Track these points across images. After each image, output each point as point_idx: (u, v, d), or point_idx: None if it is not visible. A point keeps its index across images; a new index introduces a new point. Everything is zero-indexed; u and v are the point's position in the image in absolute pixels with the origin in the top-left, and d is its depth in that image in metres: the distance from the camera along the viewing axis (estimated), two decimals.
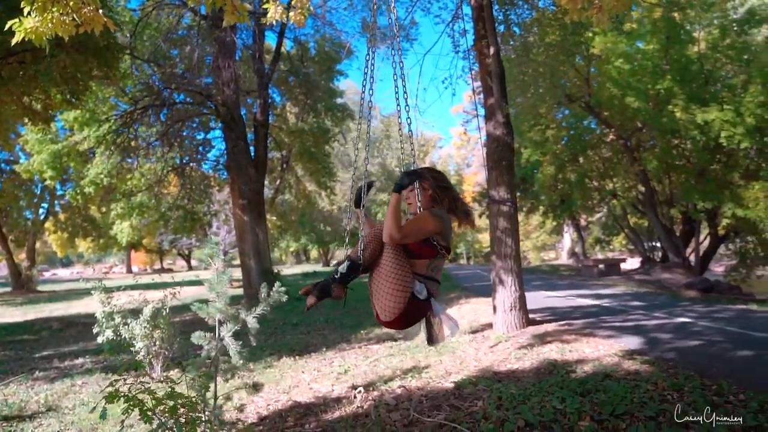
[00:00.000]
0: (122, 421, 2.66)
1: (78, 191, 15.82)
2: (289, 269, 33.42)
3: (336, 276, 2.53)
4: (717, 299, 11.06)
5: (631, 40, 15.37)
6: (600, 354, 5.04)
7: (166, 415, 2.68)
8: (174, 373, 6.57)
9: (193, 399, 2.86)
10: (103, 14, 4.62)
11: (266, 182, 17.73)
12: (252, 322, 4.45)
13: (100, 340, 5.89)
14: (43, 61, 8.02)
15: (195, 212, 16.93)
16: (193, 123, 16.72)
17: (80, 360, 7.61)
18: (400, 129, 2.95)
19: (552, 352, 5.34)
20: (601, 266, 19.10)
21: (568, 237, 31.81)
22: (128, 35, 12.78)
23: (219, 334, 4.51)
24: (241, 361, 4.43)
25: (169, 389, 2.80)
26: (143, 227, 21.48)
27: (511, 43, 9.67)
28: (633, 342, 5.67)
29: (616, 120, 16.68)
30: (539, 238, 36.30)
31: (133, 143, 14.64)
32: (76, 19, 4.45)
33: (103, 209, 20.40)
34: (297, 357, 7.06)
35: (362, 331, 8.66)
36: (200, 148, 17.86)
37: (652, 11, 14.64)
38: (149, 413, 2.59)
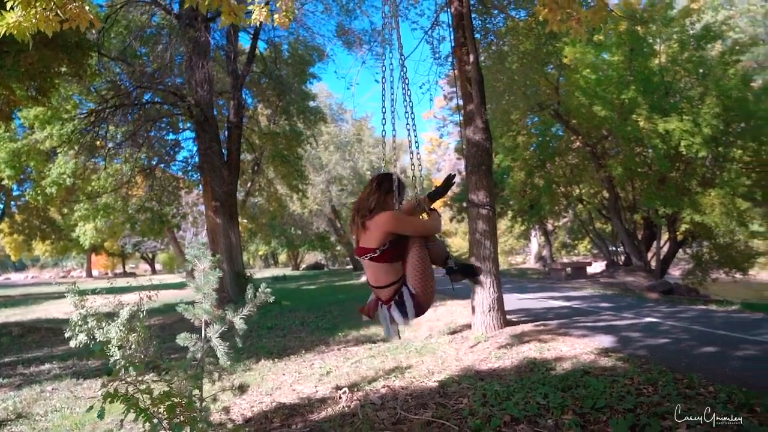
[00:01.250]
0: (121, 420, 2.62)
1: (38, 192, 15.21)
2: (258, 273, 32.97)
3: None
4: (679, 300, 11.59)
5: (598, 51, 15.94)
6: (577, 352, 5.24)
7: (162, 414, 2.65)
8: (149, 378, 6.45)
9: (192, 398, 2.84)
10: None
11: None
12: (239, 323, 4.44)
13: (72, 344, 5.71)
14: (8, 56, 7.73)
15: (164, 214, 16.53)
16: (161, 123, 16.36)
17: (47, 366, 7.35)
18: (414, 140, 3.03)
19: (531, 351, 5.50)
20: (568, 269, 19.67)
21: (536, 241, 32.57)
22: (94, 32, 12.43)
23: (205, 336, 4.48)
24: (229, 363, 4.42)
25: (167, 388, 2.78)
26: (108, 229, 20.81)
27: (482, 49, 9.92)
28: (606, 340, 5.90)
29: (584, 128, 17.25)
30: (507, 242, 36.94)
31: (99, 143, 14.20)
32: (60, 14, 4.36)
33: (65, 210, 19.68)
34: (276, 359, 7.03)
35: (340, 334, 8.67)
36: (169, 150, 17.48)
37: (617, 24, 15.23)
38: (148, 413, 2.56)
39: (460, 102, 7.58)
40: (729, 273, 18.75)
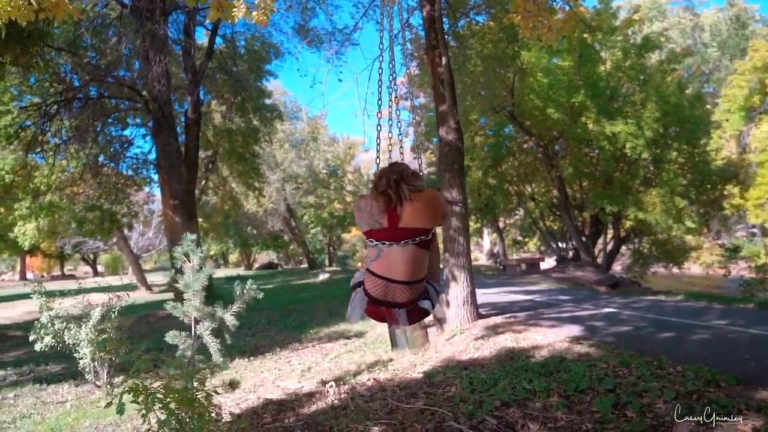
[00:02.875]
0: (143, 415, 2.60)
1: None
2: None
3: None
4: (630, 292, 12.37)
5: (551, 56, 16.69)
6: (550, 341, 5.55)
7: (182, 407, 2.66)
8: (119, 380, 6.29)
9: (210, 392, 2.86)
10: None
11: None
12: (230, 319, 4.45)
13: (37, 347, 5.52)
14: None
15: (114, 213, 15.81)
16: (109, 119, 15.62)
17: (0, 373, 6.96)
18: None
19: (507, 341, 5.77)
20: (522, 265, 20.50)
21: (488, 239, 33.50)
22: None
23: (195, 333, 4.44)
24: (221, 360, 4.41)
25: (183, 384, 2.78)
26: (48, 229, 19.58)
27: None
28: (574, 330, 6.28)
29: (537, 129, 18.01)
30: None
31: (42, 138, 13.41)
32: (33, 3, 4.19)
33: (1, 209, 18.42)
34: (250, 358, 7.02)
35: (311, 331, 8.71)
36: (117, 146, 16.72)
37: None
38: (170, 407, 2.56)
39: (416, 102, 7.76)
40: (666, 267, 20.16)
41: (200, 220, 22.74)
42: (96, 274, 40.36)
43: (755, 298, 9.41)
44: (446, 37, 8.45)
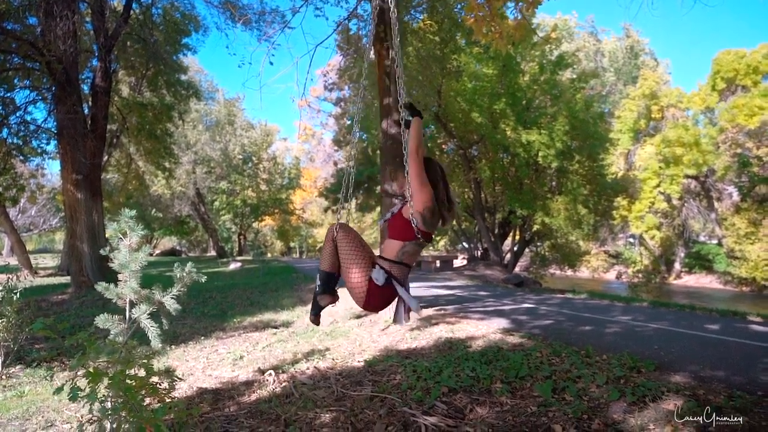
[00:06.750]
0: (101, 402, 2.34)
1: None
2: None
3: (317, 290, 2.76)
4: (539, 290, 13.29)
5: (477, 61, 17.39)
6: (484, 332, 5.82)
7: (145, 394, 2.44)
8: (16, 370, 5.65)
9: (175, 378, 2.64)
10: None
11: None
12: (170, 303, 4.13)
13: None
14: None
15: None
16: None
17: None
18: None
19: (443, 332, 5.95)
20: (437, 262, 21.20)
21: None
22: None
23: (130, 317, 4.08)
24: (160, 346, 4.09)
25: (146, 366, 2.55)
26: None
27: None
28: (503, 322, 6.63)
29: (459, 132, 18.69)
30: (372, 235, 38.29)
31: None
32: None
33: None
34: (172, 346, 6.60)
35: (234, 320, 8.35)
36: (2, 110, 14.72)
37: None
38: (134, 394, 2.33)
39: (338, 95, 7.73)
40: (561, 268, 21.97)
41: None
42: None
43: (642, 297, 10.59)
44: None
